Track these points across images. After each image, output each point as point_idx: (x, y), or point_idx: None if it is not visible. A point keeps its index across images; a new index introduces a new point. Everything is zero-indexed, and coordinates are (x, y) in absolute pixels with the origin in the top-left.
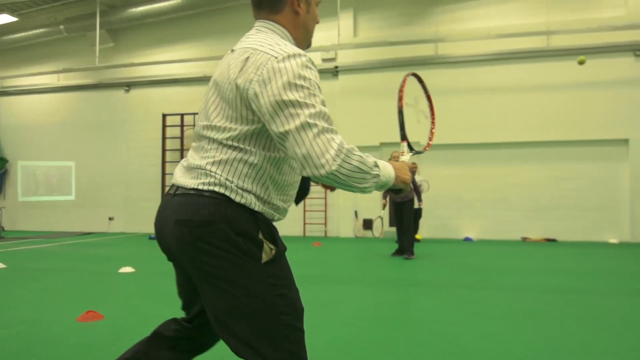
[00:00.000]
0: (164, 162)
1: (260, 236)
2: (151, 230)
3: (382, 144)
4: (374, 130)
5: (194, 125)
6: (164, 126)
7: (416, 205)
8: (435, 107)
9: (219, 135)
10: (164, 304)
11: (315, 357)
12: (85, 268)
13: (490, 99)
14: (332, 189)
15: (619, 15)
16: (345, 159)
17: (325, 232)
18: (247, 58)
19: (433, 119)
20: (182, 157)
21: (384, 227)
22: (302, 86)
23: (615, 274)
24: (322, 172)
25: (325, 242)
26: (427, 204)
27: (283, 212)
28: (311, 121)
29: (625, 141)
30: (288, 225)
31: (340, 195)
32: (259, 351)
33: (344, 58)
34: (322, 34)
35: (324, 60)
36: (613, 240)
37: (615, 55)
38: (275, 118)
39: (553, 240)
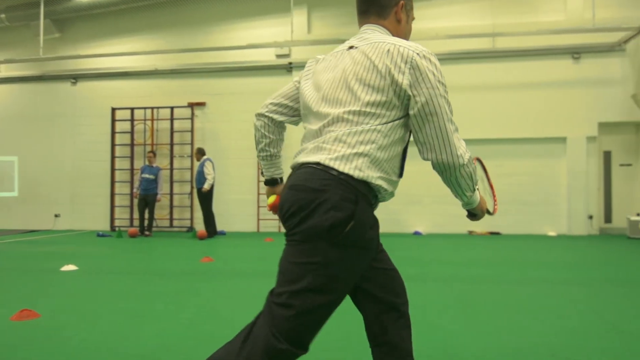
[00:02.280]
0: (113, 157)
1: None
2: (99, 226)
3: None
4: None
5: (145, 120)
6: (113, 120)
7: None
8: None
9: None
10: (104, 302)
11: None
12: (26, 266)
13: None
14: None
15: (558, 19)
16: (470, 159)
17: (279, 227)
18: (389, 50)
19: (494, 198)
20: (132, 152)
21: None
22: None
23: (548, 265)
24: (461, 161)
25: (279, 237)
26: None
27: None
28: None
29: (563, 139)
30: (242, 221)
31: None
32: (299, 308)
33: (298, 54)
34: (275, 30)
35: (278, 56)
36: (551, 233)
37: (554, 58)
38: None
39: (497, 234)
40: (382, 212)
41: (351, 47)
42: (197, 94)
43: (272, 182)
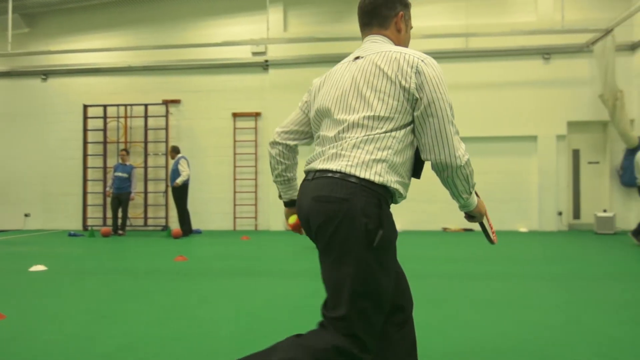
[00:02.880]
0: (85, 155)
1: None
2: (71, 226)
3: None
4: None
5: (118, 117)
6: (85, 118)
7: None
8: None
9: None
10: (72, 302)
11: (215, 346)
12: None
13: None
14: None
15: (530, 20)
16: (469, 161)
17: (256, 225)
18: (396, 58)
19: (492, 229)
20: (105, 150)
21: None
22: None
23: (518, 260)
24: (459, 162)
25: (255, 235)
26: None
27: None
28: (453, 120)
29: (534, 138)
30: (218, 219)
31: (270, 189)
32: (348, 311)
33: (274, 52)
34: (251, 27)
35: (254, 53)
36: (523, 229)
37: (526, 58)
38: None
39: (470, 230)
40: None
41: (357, 58)
42: (172, 91)
43: (291, 204)
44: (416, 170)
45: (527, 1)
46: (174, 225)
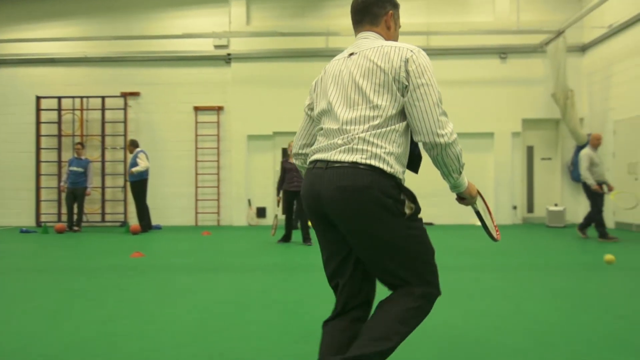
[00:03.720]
0: (38, 148)
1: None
2: (23, 222)
3: (275, 133)
4: (267, 120)
5: (73, 110)
6: (39, 110)
7: None
8: None
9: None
10: (19, 301)
11: (166, 341)
12: None
13: None
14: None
15: (488, 20)
16: (456, 141)
17: (218, 220)
18: (387, 52)
19: (496, 227)
20: (59, 143)
21: (278, 224)
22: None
23: (472, 252)
24: (446, 139)
25: (217, 231)
26: None
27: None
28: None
29: (491, 134)
30: (179, 215)
31: (233, 184)
32: (406, 280)
33: (237, 46)
34: (213, 20)
35: (216, 46)
36: (479, 223)
37: (484, 57)
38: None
39: (430, 224)
40: None
41: (352, 54)
42: (131, 84)
43: None
44: (414, 164)
45: (485, 2)
46: (133, 221)
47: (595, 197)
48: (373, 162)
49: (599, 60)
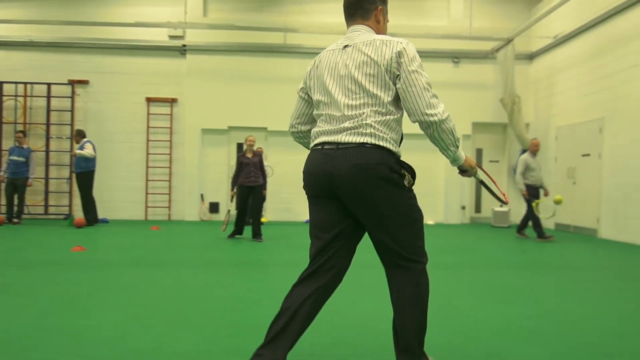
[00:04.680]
0: None
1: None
2: None
3: (231, 128)
4: (223, 114)
5: (16, 96)
6: None
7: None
8: (282, 95)
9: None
10: None
11: (97, 337)
12: None
13: None
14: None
15: (442, 25)
16: (449, 118)
17: (169, 215)
18: (379, 45)
19: (502, 191)
20: (0, 130)
21: (229, 219)
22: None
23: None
24: (439, 117)
25: (168, 225)
26: (273, 188)
27: None
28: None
29: None
30: (128, 209)
31: (185, 178)
32: (405, 243)
33: (193, 37)
34: (169, 10)
35: (171, 37)
36: (430, 222)
37: (438, 61)
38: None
39: None
40: (276, 201)
41: (346, 46)
42: (80, 71)
43: None
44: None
45: (440, 6)
46: (78, 214)
47: (531, 199)
48: (379, 142)
49: (545, 69)
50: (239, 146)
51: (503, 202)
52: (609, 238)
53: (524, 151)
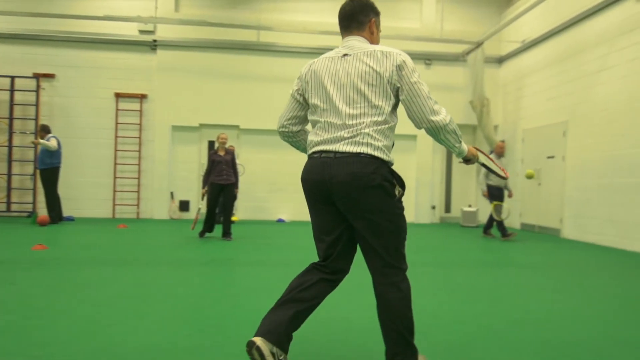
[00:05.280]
0: None
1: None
2: None
3: (202, 125)
4: (194, 111)
5: None
6: None
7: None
8: (255, 93)
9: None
10: None
11: (46, 336)
12: None
13: None
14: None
15: (415, 27)
16: (451, 120)
17: (138, 213)
18: (379, 57)
19: (501, 167)
20: None
21: (199, 217)
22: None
23: None
24: (443, 123)
25: (136, 224)
26: (244, 186)
27: None
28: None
29: (414, 137)
30: (95, 206)
31: (155, 176)
32: (391, 250)
33: (164, 32)
34: (140, 4)
35: (141, 32)
36: None
37: None
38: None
39: None
40: (248, 199)
41: (346, 55)
42: (45, 65)
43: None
44: None
45: (413, 9)
46: (42, 211)
47: (494, 200)
48: (375, 153)
49: (513, 72)
50: (211, 144)
51: (503, 178)
52: (571, 238)
53: (492, 152)
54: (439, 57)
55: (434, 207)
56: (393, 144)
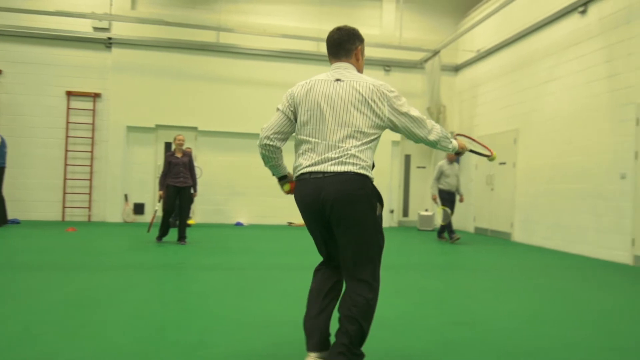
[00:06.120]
0: None
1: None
2: None
3: (158, 126)
4: (150, 111)
5: None
6: None
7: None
8: (214, 94)
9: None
10: None
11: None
12: None
13: (264, 92)
14: None
15: (374, 33)
16: (442, 129)
17: (89, 216)
18: (370, 88)
19: (487, 147)
20: None
21: (154, 220)
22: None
23: None
24: (437, 137)
25: (87, 227)
26: (202, 189)
27: None
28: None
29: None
30: (43, 209)
31: (108, 177)
32: (369, 264)
33: (120, 30)
34: (94, 0)
35: (96, 29)
36: None
37: (370, 69)
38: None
39: (290, 224)
40: (206, 203)
41: (338, 80)
42: None
43: (285, 177)
44: None
45: (373, 15)
46: None
47: (445, 204)
48: (360, 171)
49: (469, 81)
50: (167, 145)
51: (490, 157)
52: (521, 241)
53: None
54: (397, 64)
55: (392, 211)
56: (374, 164)
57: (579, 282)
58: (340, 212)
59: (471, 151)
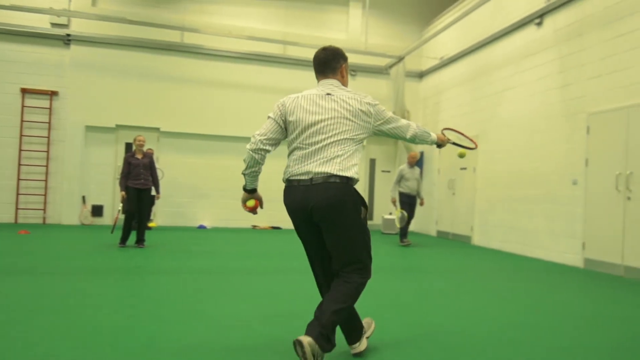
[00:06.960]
0: None
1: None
2: None
3: (119, 126)
4: (110, 111)
5: None
6: None
7: (152, 193)
8: (177, 95)
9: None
10: None
11: None
12: None
13: (229, 94)
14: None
15: (341, 38)
16: (418, 126)
17: (44, 218)
18: (361, 101)
19: (469, 138)
20: None
21: (117, 219)
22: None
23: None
24: (417, 133)
25: (41, 229)
26: (164, 191)
27: None
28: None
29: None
30: None
31: (65, 178)
32: (363, 258)
33: (79, 27)
34: None
35: (53, 25)
36: None
37: None
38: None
39: (278, 228)
40: (169, 205)
41: (329, 94)
42: None
43: (253, 191)
44: None
45: (339, 20)
46: None
47: (405, 207)
48: (347, 174)
49: (432, 87)
50: (128, 146)
51: (473, 148)
52: (480, 245)
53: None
54: (363, 69)
55: None
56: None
57: (531, 283)
58: (327, 219)
59: (454, 144)
